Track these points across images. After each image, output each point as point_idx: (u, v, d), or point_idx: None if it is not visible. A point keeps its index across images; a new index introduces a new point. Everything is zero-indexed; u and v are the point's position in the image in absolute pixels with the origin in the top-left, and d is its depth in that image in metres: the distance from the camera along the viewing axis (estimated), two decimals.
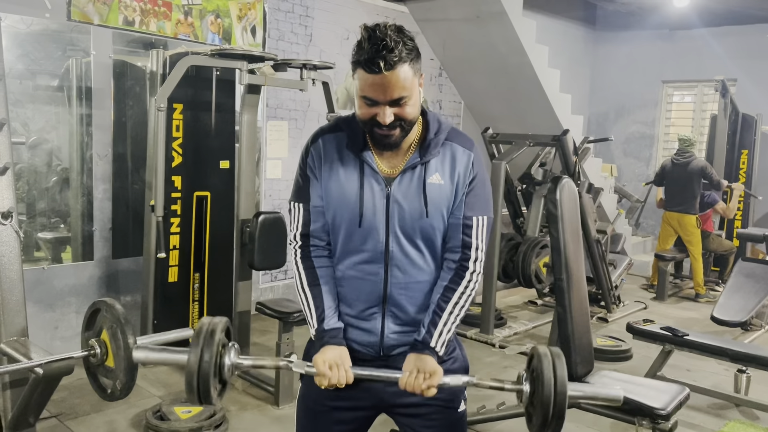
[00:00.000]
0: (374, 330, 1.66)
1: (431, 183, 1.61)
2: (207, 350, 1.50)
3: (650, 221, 8.45)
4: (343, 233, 1.63)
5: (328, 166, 1.63)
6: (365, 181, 1.61)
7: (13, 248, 2.55)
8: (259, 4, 5.07)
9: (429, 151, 1.61)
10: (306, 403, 1.76)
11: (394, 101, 1.49)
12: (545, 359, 1.52)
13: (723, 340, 3.85)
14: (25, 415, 2.45)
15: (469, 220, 1.63)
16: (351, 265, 1.65)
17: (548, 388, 1.48)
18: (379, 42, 1.43)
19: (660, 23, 8.17)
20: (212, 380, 1.51)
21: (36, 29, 3.97)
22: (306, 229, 1.67)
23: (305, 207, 1.66)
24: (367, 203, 1.60)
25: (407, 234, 1.61)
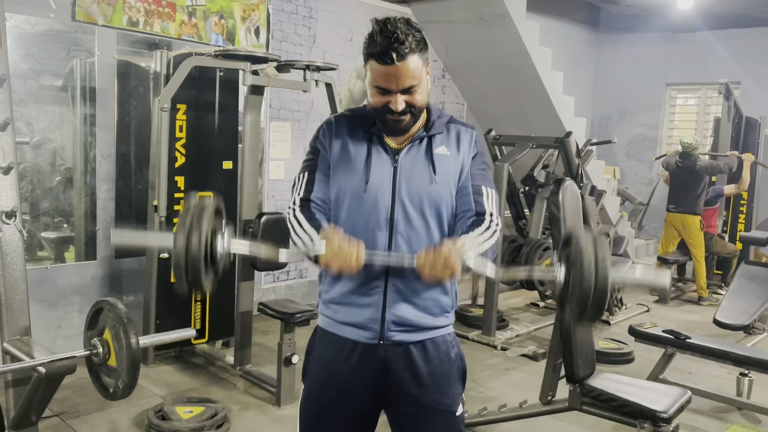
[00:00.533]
0: (376, 304, 1.63)
1: (438, 153, 1.66)
2: (195, 232, 1.44)
3: (653, 224, 8.44)
4: (348, 202, 1.64)
5: (339, 141, 1.68)
6: (373, 150, 1.66)
7: (16, 248, 2.56)
8: (263, 5, 5.08)
9: (434, 127, 1.68)
10: (309, 404, 1.76)
11: (406, 89, 1.57)
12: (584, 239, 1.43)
13: (725, 344, 3.85)
14: (27, 414, 2.46)
15: (479, 188, 1.68)
16: (354, 233, 1.58)
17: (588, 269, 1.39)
18: (391, 35, 1.51)
19: (664, 26, 8.16)
20: (202, 265, 1.45)
21: (40, 29, 3.99)
22: (307, 195, 1.68)
23: (310, 176, 1.69)
24: (374, 170, 1.63)
25: (414, 202, 1.63)
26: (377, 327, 1.64)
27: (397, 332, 1.65)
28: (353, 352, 1.67)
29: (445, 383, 1.70)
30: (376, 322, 1.64)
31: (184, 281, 1.45)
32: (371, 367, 1.67)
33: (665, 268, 6.38)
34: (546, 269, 1.52)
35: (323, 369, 1.73)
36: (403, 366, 1.66)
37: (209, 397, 3.55)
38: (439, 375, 1.69)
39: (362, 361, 1.66)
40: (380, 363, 1.66)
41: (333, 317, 1.70)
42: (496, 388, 3.93)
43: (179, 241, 1.43)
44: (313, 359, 1.75)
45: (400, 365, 1.66)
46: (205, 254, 1.45)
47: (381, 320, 1.64)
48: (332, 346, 1.71)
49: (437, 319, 1.68)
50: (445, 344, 1.71)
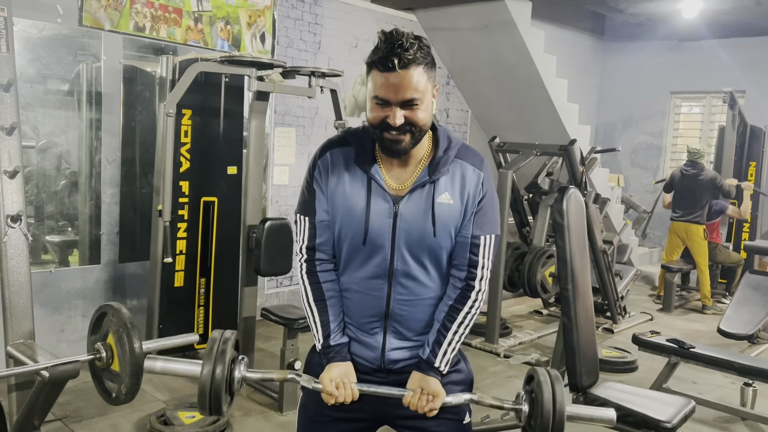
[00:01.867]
0: (375, 345, 1.67)
1: (440, 203, 1.59)
2: (219, 364, 1.54)
3: (657, 232, 8.42)
4: (348, 248, 1.63)
5: (334, 180, 1.61)
6: (372, 198, 1.59)
7: (21, 251, 2.56)
8: (268, 12, 5.11)
9: (438, 169, 1.59)
10: (307, 413, 1.76)
11: (406, 102, 1.49)
12: (544, 381, 1.59)
13: (729, 353, 3.83)
14: (30, 418, 2.46)
15: (477, 239, 1.62)
16: (354, 279, 1.65)
17: (547, 411, 1.55)
18: (395, 42, 1.45)
19: (669, 34, 8.17)
20: (224, 394, 1.55)
21: (48, 34, 4.01)
22: (312, 243, 1.67)
23: (311, 221, 1.66)
24: (374, 221, 1.58)
25: (413, 253, 1.60)
26: (378, 362, 1.68)
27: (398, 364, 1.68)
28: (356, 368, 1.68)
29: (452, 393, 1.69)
30: (377, 360, 1.68)
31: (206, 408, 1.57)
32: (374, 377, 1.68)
33: (669, 277, 6.37)
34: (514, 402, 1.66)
35: None
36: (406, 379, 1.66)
37: None
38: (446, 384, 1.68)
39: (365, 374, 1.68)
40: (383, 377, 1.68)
41: None
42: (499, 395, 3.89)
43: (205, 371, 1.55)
44: (312, 368, 1.75)
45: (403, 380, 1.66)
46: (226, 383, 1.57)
47: (381, 358, 1.67)
48: None
49: None
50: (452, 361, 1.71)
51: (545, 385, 1.57)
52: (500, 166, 5.13)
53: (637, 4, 7.13)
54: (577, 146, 4.98)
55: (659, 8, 7.17)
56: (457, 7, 5.86)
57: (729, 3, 6.61)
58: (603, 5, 7.37)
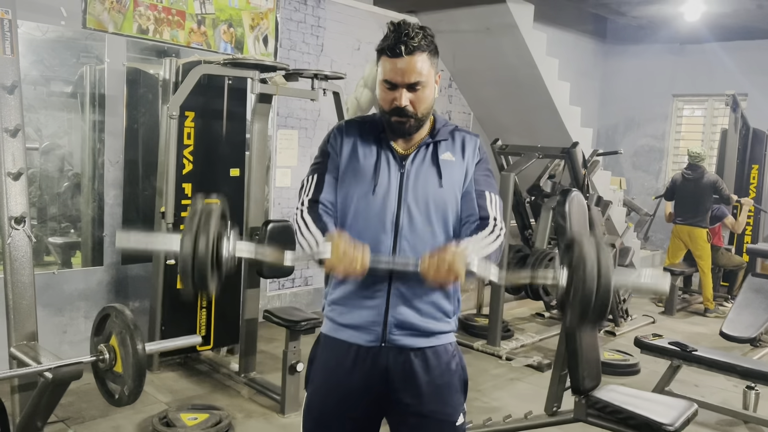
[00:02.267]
0: (378, 307, 1.65)
1: (444, 159, 1.70)
2: (203, 235, 1.45)
3: (659, 235, 8.41)
4: (354, 206, 1.66)
5: (349, 145, 1.72)
6: (382, 155, 1.69)
7: (25, 253, 2.57)
8: (271, 14, 5.12)
9: (439, 134, 1.73)
10: (311, 412, 1.77)
11: (411, 85, 1.61)
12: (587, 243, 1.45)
13: (732, 356, 3.83)
14: (33, 419, 2.46)
15: (482, 193, 1.70)
16: (360, 236, 1.59)
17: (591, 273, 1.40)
18: (402, 31, 1.60)
19: (671, 37, 8.17)
20: (210, 269, 1.45)
21: (51, 36, 4.03)
22: (316, 196, 1.69)
23: (319, 178, 1.71)
24: (382, 174, 1.67)
25: (419, 206, 1.65)
26: (379, 329, 1.66)
27: (398, 336, 1.66)
28: (356, 359, 1.68)
29: (445, 393, 1.71)
30: (378, 325, 1.65)
31: (190, 284, 1.46)
32: (372, 375, 1.68)
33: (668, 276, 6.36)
34: (549, 273, 1.49)
35: (326, 377, 1.74)
36: (403, 376, 1.67)
37: (214, 404, 3.55)
38: (440, 385, 1.70)
39: (364, 369, 1.68)
40: (381, 372, 1.67)
41: (336, 319, 1.72)
42: (500, 398, 3.92)
43: (186, 245, 1.45)
44: (315, 367, 1.76)
45: (401, 375, 1.67)
46: (212, 257, 1.46)
47: (383, 323, 1.65)
48: (335, 354, 1.72)
49: (439, 323, 1.70)
50: (446, 354, 1.72)
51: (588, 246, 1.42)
52: (502, 168, 5.14)
53: (639, 7, 7.14)
54: (579, 149, 4.98)
55: (661, 11, 7.18)
56: (460, 9, 5.87)
57: (731, 6, 6.61)
58: (605, 8, 7.37)
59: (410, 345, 1.67)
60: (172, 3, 4.48)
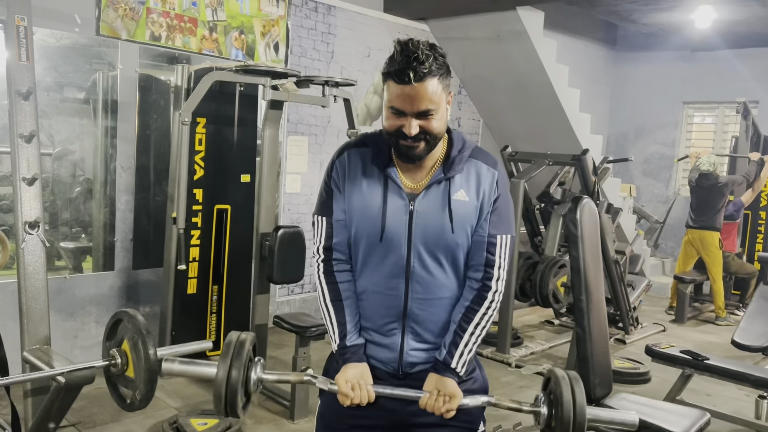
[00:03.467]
0: (393, 346, 1.66)
1: (456, 199, 1.61)
2: (236, 364, 1.53)
3: (669, 242, 8.37)
4: (364, 247, 1.64)
5: (352, 179, 1.64)
6: (389, 195, 1.61)
7: (38, 258, 2.59)
8: (282, 21, 5.15)
9: (453, 167, 1.62)
10: (324, 421, 1.76)
11: (421, 113, 1.51)
12: (563, 382, 1.55)
13: (744, 365, 3.79)
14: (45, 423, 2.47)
15: (493, 238, 1.64)
16: (371, 279, 1.65)
17: (568, 412, 1.51)
18: (411, 54, 1.47)
19: (681, 44, 8.14)
20: (240, 394, 1.53)
21: (65, 43, 4.06)
22: (329, 243, 1.68)
23: (328, 221, 1.68)
24: (390, 218, 1.60)
25: (430, 250, 1.61)
26: (395, 365, 1.68)
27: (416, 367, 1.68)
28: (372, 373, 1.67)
29: None
30: (395, 361, 1.67)
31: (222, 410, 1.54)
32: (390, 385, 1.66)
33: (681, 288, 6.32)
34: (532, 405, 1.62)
35: None
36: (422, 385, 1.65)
37: None
38: None
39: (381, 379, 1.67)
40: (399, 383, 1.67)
41: None
42: None
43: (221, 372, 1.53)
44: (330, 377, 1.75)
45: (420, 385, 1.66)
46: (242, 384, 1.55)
47: (399, 359, 1.67)
48: None
49: None
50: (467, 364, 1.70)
51: (565, 387, 1.54)
52: (512, 175, 5.13)
53: (649, 15, 7.12)
54: (589, 156, 4.97)
55: (672, 18, 7.16)
56: (470, 17, 5.87)
57: (743, 13, 6.58)
58: (615, 15, 7.36)
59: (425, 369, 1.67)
60: (185, 10, 4.52)
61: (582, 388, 1.56)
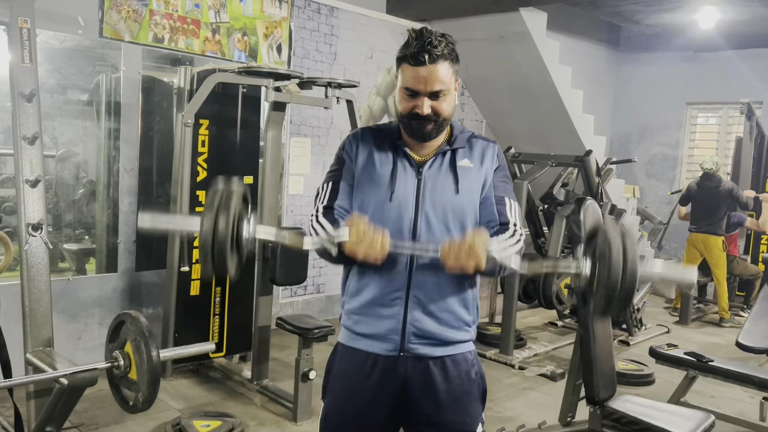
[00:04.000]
0: (396, 316, 1.64)
1: (461, 166, 1.69)
2: (222, 214, 1.44)
3: (673, 243, 8.35)
4: (371, 213, 1.63)
5: (365, 151, 1.71)
6: (398, 162, 1.68)
7: (42, 259, 2.59)
8: (285, 23, 5.15)
9: (456, 142, 1.72)
10: (328, 422, 1.77)
11: (434, 93, 1.61)
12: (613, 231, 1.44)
13: (749, 367, 3.77)
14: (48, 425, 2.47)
15: (502, 199, 1.70)
16: None
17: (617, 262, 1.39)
18: (426, 38, 1.59)
19: (685, 45, 8.13)
20: (229, 248, 1.44)
21: (68, 45, 4.07)
22: (331, 202, 1.69)
23: (334, 185, 1.71)
24: (399, 181, 1.66)
25: (437, 213, 1.64)
26: (397, 338, 1.65)
27: (417, 344, 1.65)
28: (373, 368, 1.67)
29: (464, 403, 1.70)
30: (397, 333, 1.65)
31: (209, 264, 1.44)
32: (391, 384, 1.67)
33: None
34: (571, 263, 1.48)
35: (343, 386, 1.74)
36: (422, 384, 1.66)
37: (226, 411, 3.55)
38: (459, 395, 1.68)
39: (382, 378, 1.67)
40: (400, 381, 1.67)
41: (353, 329, 1.71)
42: (514, 408, 3.89)
43: (206, 224, 1.43)
44: (333, 376, 1.76)
45: (420, 384, 1.66)
46: (232, 237, 1.45)
47: (401, 331, 1.64)
48: (352, 363, 1.71)
49: (458, 332, 1.69)
50: (465, 363, 1.71)
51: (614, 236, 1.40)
52: (515, 176, 5.12)
53: (653, 15, 7.11)
54: (592, 157, 4.96)
55: (675, 19, 7.14)
56: (473, 18, 5.87)
57: (746, 14, 6.57)
58: (618, 16, 7.35)
59: (429, 354, 1.66)
60: (188, 12, 4.52)
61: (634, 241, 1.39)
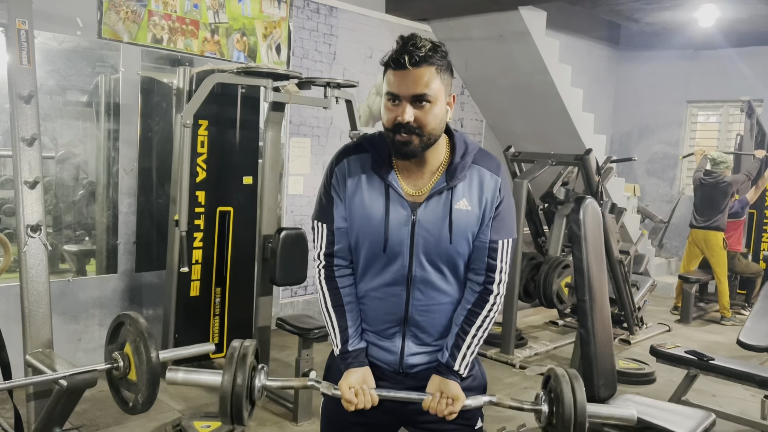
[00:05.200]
0: (394, 349, 1.68)
1: (458, 209, 1.60)
2: (240, 373, 1.54)
3: (674, 242, 8.34)
4: (366, 255, 1.64)
5: (352, 188, 1.63)
6: (390, 205, 1.60)
7: (41, 261, 2.59)
8: (284, 23, 5.15)
9: (456, 176, 1.60)
10: (329, 419, 1.78)
11: (416, 97, 1.50)
12: (563, 380, 1.56)
13: (750, 365, 3.77)
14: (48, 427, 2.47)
15: (495, 243, 1.64)
16: (372, 285, 1.66)
17: (569, 409, 1.53)
18: (408, 41, 1.50)
19: (685, 43, 8.12)
20: (245, 402, 1.55)
21: (67, 46, 4.07)
22: (330, 249, 1.68)
23: (329, 228, 1.67)
24: (392, 229, 1.60)
25: (431, 259, 1.62)
26: (396, 366, 1.69)
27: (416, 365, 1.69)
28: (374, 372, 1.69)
29: None
30: (395, 364, 1.69)
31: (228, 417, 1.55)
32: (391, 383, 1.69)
33: (686, 288, 6.30)
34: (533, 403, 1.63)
35: None
36: (422, 384, 1.67)
37: None
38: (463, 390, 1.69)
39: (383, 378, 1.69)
40: (401, 380, 1.69)
41: None
42: None
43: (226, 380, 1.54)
44: (332, 374, 1.76)
45: (421, 384, 1.67)
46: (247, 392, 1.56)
47: (399, 362, 1.69)
48: None
49: None
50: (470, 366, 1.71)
51: (565, 384, 1.56)
52: (515, 175, 5.12)
53: (652, 14, 7.10)
54: (592, 156, 4.95)
55: (675, 17, 7.13)
56: (472, 17, 5.87)
57: (746, 12, 6.56)
58: (618, 15, 7.34)
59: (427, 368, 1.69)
60: (186, 12, 4.52)
61: (582, 385, 1.58)
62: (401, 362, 1.68)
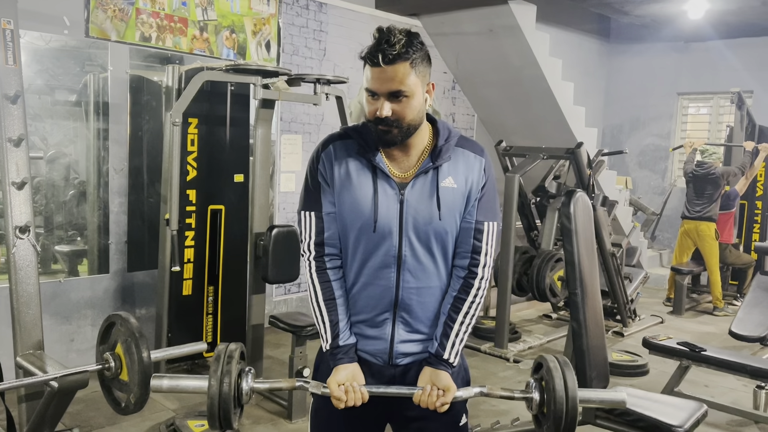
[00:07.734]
0: (384, 336, 1.67)
1: (444, 186, 1.62)
2: (226, 377, 1.53)
3: (666, 234, 8.38)
4: (355, 238, 1.64)
5: (339, 172, 1.64)
6: (379, 186, 1.61)
7: (30, 262, 2.57)
8: (273, 20, 5.12)
9: (441, 156, 1.63)
10: (319, 417, 1.78)
11: (392, 94, 1.52)
12: (553, 366, 1.58)
13: (742, 356, 3.80)
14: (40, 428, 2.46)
15: (480, 224, 1.66)
16: (362, 269, 1.65)
17: (560, 395, 1.53)
18: (384, 38, 1.51)
19: (675, 35, 8.14)
20: (233, 407, 1.53)
21: (55, 45, 4.04)
22: (319, 238, 1.67)
23: (317, 215, 1.67)
24: (382, 208, 1.61)
25: (420, 238, 1.62)
26: (386, 356, 1.69)
27: (405, 359, 1.70)
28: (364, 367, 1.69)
29: None
30: (385, 353, 1.69)
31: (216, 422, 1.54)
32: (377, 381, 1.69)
33: (679, 279, 6.33)
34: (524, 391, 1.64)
35: None
36: (407, 381, 1.69)
37: None
38: None
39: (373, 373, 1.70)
40: (387, 380, 1.70)
41: None
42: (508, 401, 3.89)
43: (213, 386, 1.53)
44: (321, 372, 1.76)
45: (406, 381, 1.70)
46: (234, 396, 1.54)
47: (389, 351, 1.68)
48: None
49: None
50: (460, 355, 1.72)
51: (555, 371, 1.56)
52: (507, 170, 5.12)
53: (642, 6, 7.11)
54: (584, 149, 4.96)
55: (664, 9, 7.15)
56: (462, 11, 5.85)
57: (735, 3, 6.58)
58: (608, 7, 7.35)
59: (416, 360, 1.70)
60: (175, 10, 4.50)
61: (572, 370, 1.58)
62: (391, 351, 1.67)
